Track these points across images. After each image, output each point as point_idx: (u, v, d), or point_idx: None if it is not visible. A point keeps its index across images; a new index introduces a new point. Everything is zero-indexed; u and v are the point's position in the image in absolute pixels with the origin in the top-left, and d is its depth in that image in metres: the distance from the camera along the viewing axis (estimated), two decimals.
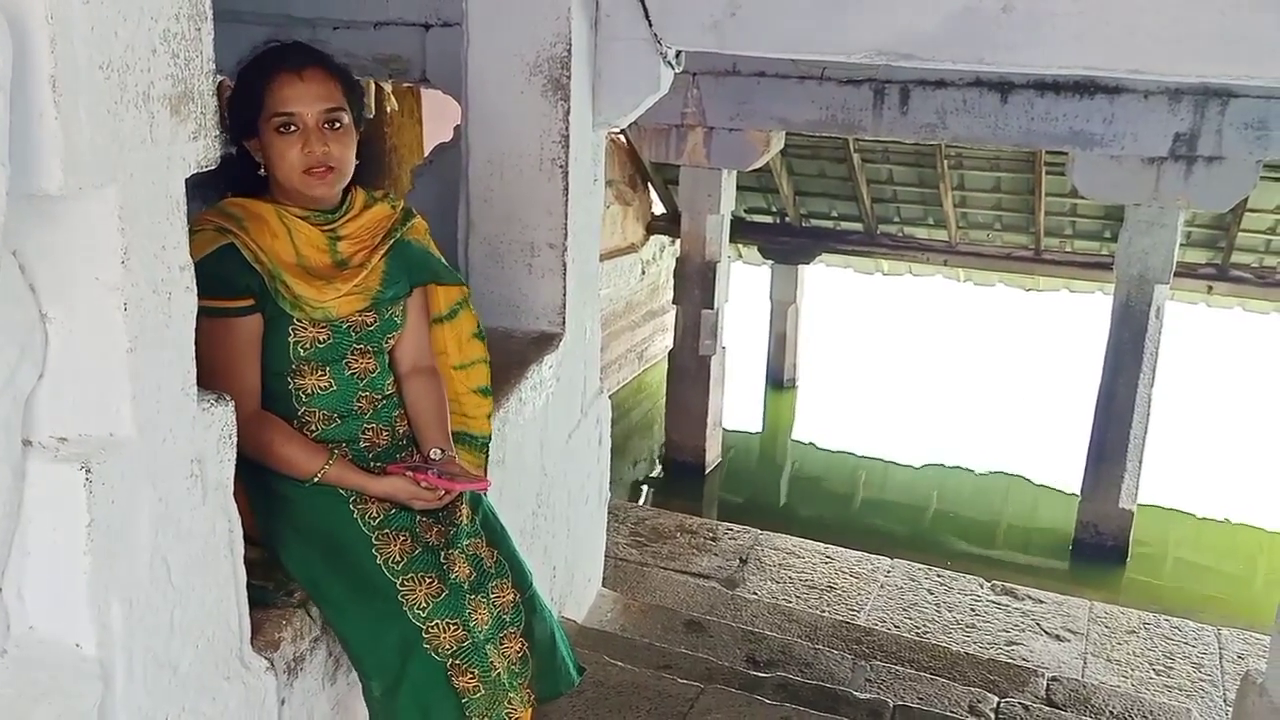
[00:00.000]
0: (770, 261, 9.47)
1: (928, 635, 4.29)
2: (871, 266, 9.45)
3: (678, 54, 2.73)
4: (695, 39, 2.59)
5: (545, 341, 2.84)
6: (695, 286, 7.57)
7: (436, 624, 1.72)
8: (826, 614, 4.31)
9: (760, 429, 9.56)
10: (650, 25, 2.58)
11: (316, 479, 1.74)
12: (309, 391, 1.80)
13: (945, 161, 7.46)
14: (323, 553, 1.72)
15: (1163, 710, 3.61)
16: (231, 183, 1.79)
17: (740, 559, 4.83)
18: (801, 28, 2.45)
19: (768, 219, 9.11)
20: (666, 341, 8.74)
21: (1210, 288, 7.45)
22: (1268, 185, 6.51)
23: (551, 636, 1.96)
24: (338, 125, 1.75)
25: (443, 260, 2.03)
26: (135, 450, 1.11)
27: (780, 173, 8.32)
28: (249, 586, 1.37)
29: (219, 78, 1.28)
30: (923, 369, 10.94)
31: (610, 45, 2.66)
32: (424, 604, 1.72)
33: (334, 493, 1.77)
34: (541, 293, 2.88)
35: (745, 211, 8.98)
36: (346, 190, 1.84)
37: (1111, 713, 3.54)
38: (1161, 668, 4.24)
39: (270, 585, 1.57)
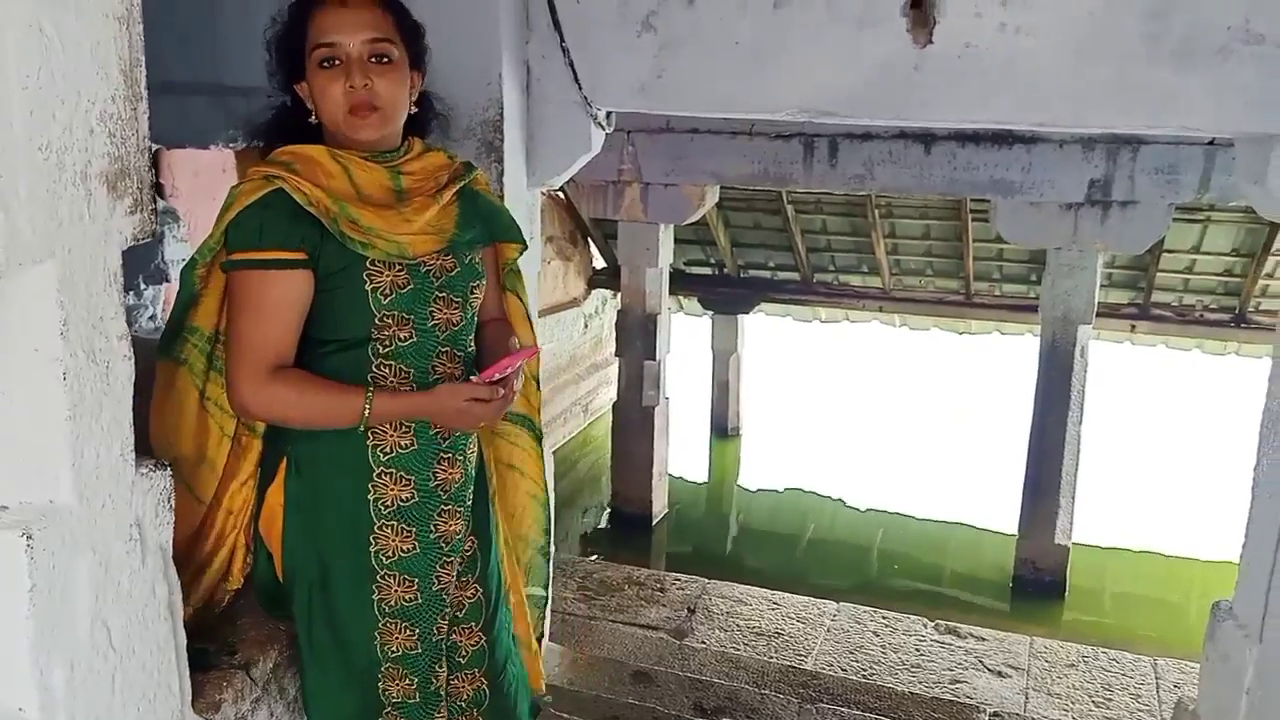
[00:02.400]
0: (710, 312, 9.61)
1: (874, 676, 4.34)
2: (809, 314, 9.62)
3: (608, 115, 2.81)
4: (624, 100, 2.67)
5: None
6: (637, 338, 7.65)
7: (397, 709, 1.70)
8: (774, 660, 4.34)
9: (706, 478, 9.62)
10: (580, 88, 2.66)
11: (367, 413, 1.57)
12: (387, 343, 1.62)
13: (876, 211, 7.67)
14: (325, 599, 1.66)
15: None
16: (284, 135, 1.65)
17: (688, 609, 4.86)
18: (726, 88, 2.54)
19: (706, 270, 9.26)
20: (611, 394, 8.78)
21: (1133, 327, 7.71)
22: (1182, 227, 6.80)
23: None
24: (385, 59, 1.59)
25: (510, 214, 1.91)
26: (75, 516, 1.13)
27: (717, 225, 8.48)
28: (190, 649, 1.39)
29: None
30: (864, 414, 11.10)
31: (542, 108, 2.73)
32: (396, 695, 1.70)
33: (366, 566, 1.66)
34: None
35: (684, 264, 9.12)
36: (406, 137, 1.70)
37: None
38: (1100, 699, 4.33)
39: (212, 647, 1.58)
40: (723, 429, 10.03)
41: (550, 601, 3.75)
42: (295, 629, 1.71)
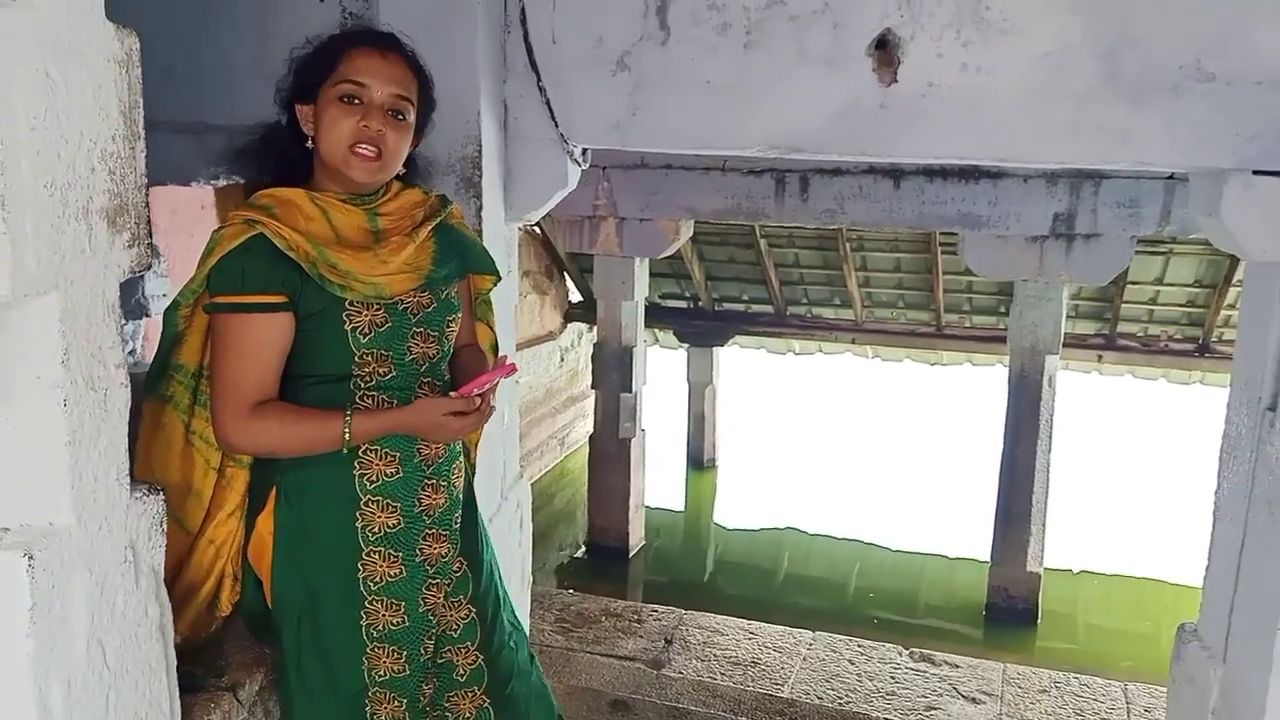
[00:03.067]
0: (686, 345, 9.70)
1: (849, 704, 4.38)
2: (783, 346, 9.73)
3: (584, 151, 2.87)
4: (599, 138, 2.73)
5: None
6: (613, 371, 7.71)
7: None
8: (750, 688, 4.37)
9: (683, 509, 9.65)
10: (557, 126, 2.72)
11: (347, 436, 1.61)
12: (369, 378, 1.68)
13: (847, 244, 7.80)
14: (314, 625, 1.69)
15: None
16: (277, 156, 1.72)
17: (665, 639, 4.88)
18: (698, 125, 2.61)
19: (681, 304, 9.35)
20: (587, 427, 8.83)
21: (1100, 357, 7.86)
22: (1145, 259, 6.95)
23: None
24: (400, 116, 1.68)
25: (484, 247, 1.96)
26: (74, 538, 1.17)
27: (692, 259, 8.58)
28: (178, 671, 1.42)
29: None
30: (838, 444, 11.18)
31: (519, 145, 2.79)
32: (385, 718, 1.73)
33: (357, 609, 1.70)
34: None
35: (660, 297, 9.21)
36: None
37: None
38: None
39: (199, 670, 1.61)
40: (699, 461, 10.08)
41: (527, 633, 3.77)
42: (282, 657, 1.73)
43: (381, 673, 1.72)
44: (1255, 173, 2.22)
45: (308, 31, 2.97)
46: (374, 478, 1.69)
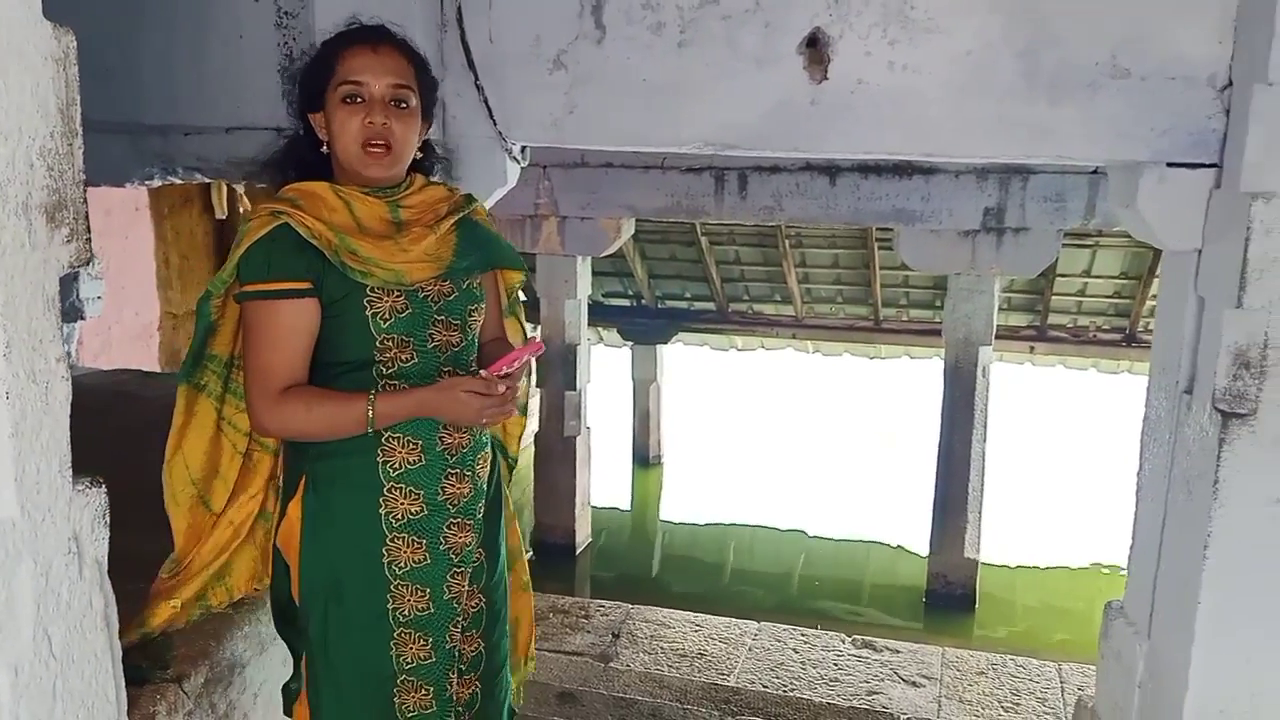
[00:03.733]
0: (630, 342, 9.74)
1: (794, 691, 4.45)
2: (726, 343, 9.83)
3: (523, 149, 2.90)
4: (538, 136, 2.76)
5: None
6: (557, 369, 7.74)
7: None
8: (697, 679, 4.43)
9: (629, 506, 9.70)
10: (495, 124, 2.74)
11: (371, 416, 1.66)
12: (390, 364, 1.72)
13: (786, 241, 7.90)
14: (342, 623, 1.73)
15: None
16: (297, 163, 1.78)
17: (613, 634, 4.92)
18: (634, 123, 2.64)
19: (624, 302, 9.40)
20: (533, 425, 8.83)
21: (1032, 348, 8.06)
22: (1073, 252, 7.15)
23: None
24: (403, 105, 1.73)
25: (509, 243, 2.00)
26: (18, 529, 1.18)
27: (634, 257, 8.64)
28: (125, 664, 1.43)
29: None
30: (782, 438, 11.31)
31: (458, 144, 2.80)
32: (412, 708, 1.77)
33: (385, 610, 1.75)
34: None
35: (603, 295, 9.24)
36: (408, 174, 1.82)
37: None
38: (1009, 704, 4.50)
39: (145, 663, 1.62)
40: (644, 458, 10.14)
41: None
42: (310, 648, 1.77)
43: (409, 659, 1.76)
44: (1169, 165, 2.31)
45: (243, 32, 2.98)
46: (397, 465, 1.73)
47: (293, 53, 2.92)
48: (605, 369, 9.77)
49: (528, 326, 2.22)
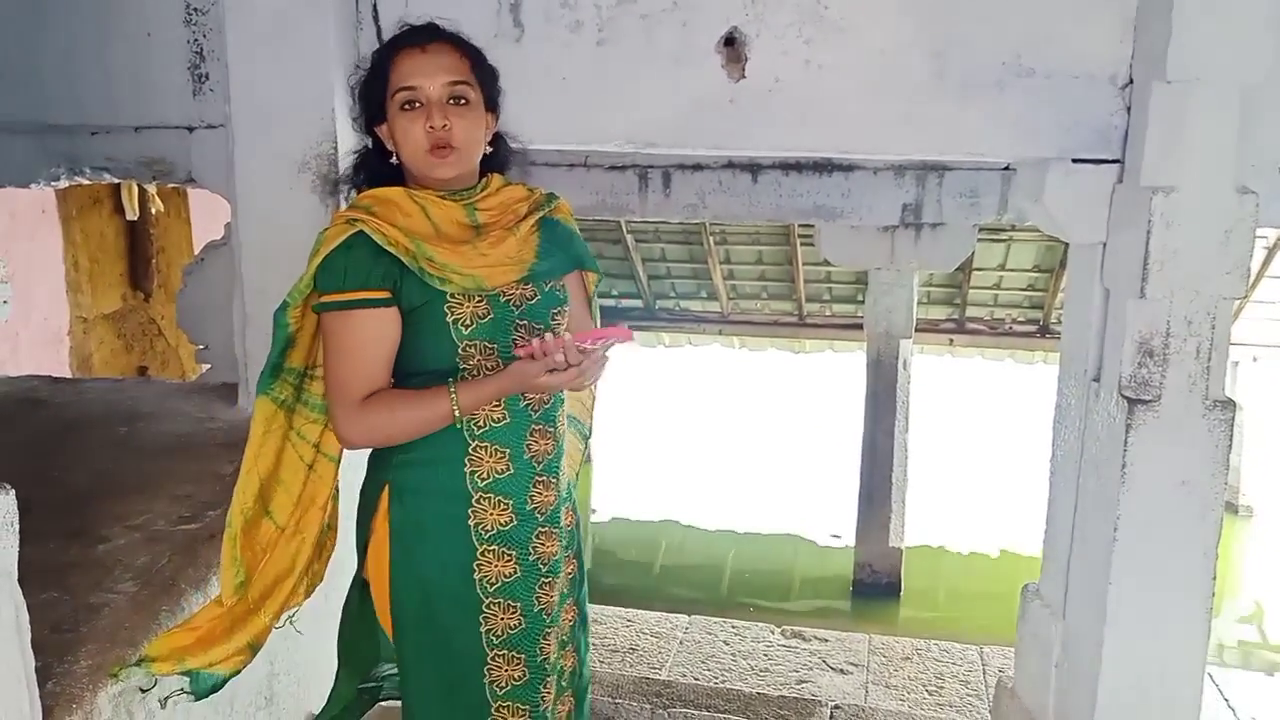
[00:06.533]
0: None
1: (725, 682, 4.50)
2: (653, 340, 9.87)
3: None
4: None
5: None
6: None
7: None
8: (629, 673, 4.45)
9: None
10: None
11: (456, 410, 1.61)
12: (475, 372, 1.66)
13: (711, 238, 7.97)
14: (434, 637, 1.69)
15: None
16: (370, 177, 1.73)
17: None
18: (556, 121, 2.64)
19: None
20: None
21: (951, 340, 8.25)
22: (989, 246, 7.33)
23: None
24: (463, 101, 1.65)
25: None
26: None
27: None
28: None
29: None
30: (710, 435, 11.39)
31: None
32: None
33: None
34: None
35: None
36: (483, 174, 1.75)
37: None
38: (934, 688, 4.61)
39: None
40: None
41: None
42: (400, 665, 1.73)
43: (502, 684, 1.71)
44: (1074, 161, 2.38)
45: (150, 29, 2.91)
46: (485, 475, 1.68)
47: (203, 50, 2.87)
48: None
49: None
